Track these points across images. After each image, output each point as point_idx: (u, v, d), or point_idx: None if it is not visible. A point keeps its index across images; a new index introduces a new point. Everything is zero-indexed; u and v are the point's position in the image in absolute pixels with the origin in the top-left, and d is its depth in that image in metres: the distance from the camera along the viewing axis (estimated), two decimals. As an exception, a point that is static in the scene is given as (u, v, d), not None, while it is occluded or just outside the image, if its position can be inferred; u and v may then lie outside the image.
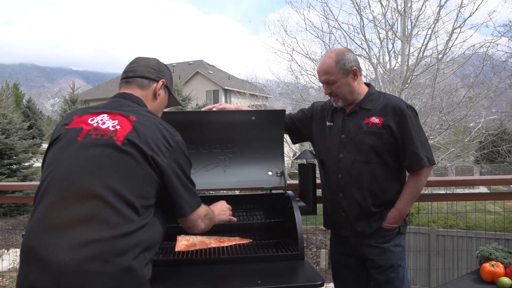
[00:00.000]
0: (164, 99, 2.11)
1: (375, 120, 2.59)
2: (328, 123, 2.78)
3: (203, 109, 2.85)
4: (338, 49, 2.71)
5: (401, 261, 2.65)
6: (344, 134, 2.66)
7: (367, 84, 2.77)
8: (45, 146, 24.93)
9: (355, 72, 2.63)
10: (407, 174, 2.70)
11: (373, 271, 2.65)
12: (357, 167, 2.60)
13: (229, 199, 3.02)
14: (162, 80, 2.06)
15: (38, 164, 19.13)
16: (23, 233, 1.69)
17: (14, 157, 16.69)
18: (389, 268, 2.61)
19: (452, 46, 11.51)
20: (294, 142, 3.12)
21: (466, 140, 13.22)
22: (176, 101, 2.23)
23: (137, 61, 2.08)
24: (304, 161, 2.86)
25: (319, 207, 2.87)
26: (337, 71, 2.59)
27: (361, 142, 2.60)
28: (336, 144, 2.68)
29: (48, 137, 22.31)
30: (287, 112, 2.90)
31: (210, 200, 2.37)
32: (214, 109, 2.79)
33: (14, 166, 16.70)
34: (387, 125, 2.57)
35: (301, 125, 2.93)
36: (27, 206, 14.99)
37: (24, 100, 38.59)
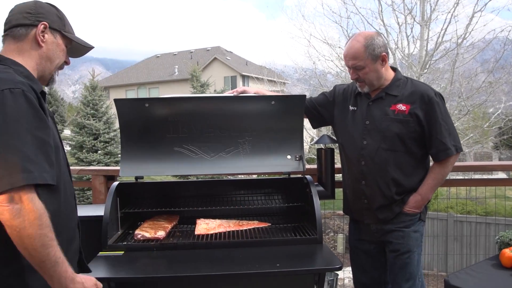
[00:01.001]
0: (55, 44, 1.78)
1: (401, 107, 2.54)
2: (351, 107, 2.72)
3: (225, 93, 2.87)
4: (367, 33, 2.62)
5: (417, 248, 2.63)
6: (369, 120, 2.61)
7: (393, 69, 2.70)
8: (67, 132, 25.28)
9: (384, 58, 2.56)
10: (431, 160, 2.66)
11: (390, 255, 2.65)
12: (381, 154, 2.56)
13: (248, 183, 3.07)
14: (43, 22, 1.73)
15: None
16: None
17: (37, 143, 16.98)
18: (406, 253, 2.60)
19: (472, 30, 11.25)
20: (314, 127, 3.07)
21: (485, 125, 13.00)
22: (80, 43, 1.89)
23: (13, 9, 1.77)
24: (322, 146, 2.87)
25: (337, 191, 2.89)
26: (366, 57, 2.52)
27: (387, 129, 2.55)
28: (359, 130, 2.63)
29: (70, 123, 22.59)
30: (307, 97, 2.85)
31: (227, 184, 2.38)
32: (234, 93, 2.77)
33: (36, 152, 16.99)
34: (414, 113, 2.52)
35: (322, 109, 2.87)
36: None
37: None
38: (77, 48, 1.92)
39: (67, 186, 1.77)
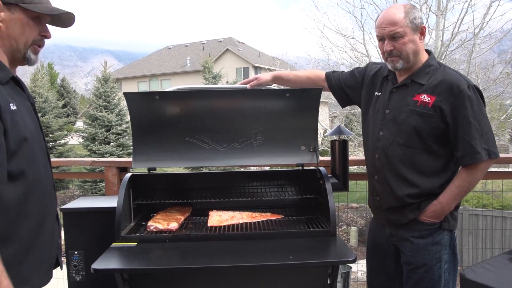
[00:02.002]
0: (14, 21, 1.64)
1: (425, 98, 2.25)
2: (376, 93, 2.49)
3: (238, 83, 2.85)
4: (405, 4, 2.35)
5: (437, 261, 2.32)
6: (389, 109, 2.37)
7: (428, 52, 2.41)
8: (79, 124, 25.51)
9: (423, 31, 2.30)
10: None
11: (404, 266, 2.41)
12: (395, 149, 2.32)
13: (261, 175, 3.05)
14: None
15: (73, 141, 19.64)
16: None
17: (50, 135, 17.22)
18: (421, 267, 2.33)
19: (489, 20, 11.12)
20: (343, 106, 2.88)
21: (502, 118, 12.84)
22: (46, 11, 1.71)
23: None
24: (335, 137, 2.83)
25: (351, 184, 2.85)
26: (406, 24, 2.24)
27: (404, 121, 2.29)
28: (379, 120, 2.41)
29: (82, 116, 22.79)
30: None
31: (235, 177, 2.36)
32: (248, 86, 2.72)
33: (50, 144, 17.23)
34: (439, 106, 2.21)
35: (349, 90, 2.67)
36: (63, 182, 15.46)
37: (58, 79, 39.40)
38: (57, 18, 1.77)
39: (39, 176, 1.73)
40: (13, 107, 1.60)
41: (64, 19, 1.81)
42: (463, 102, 2.19)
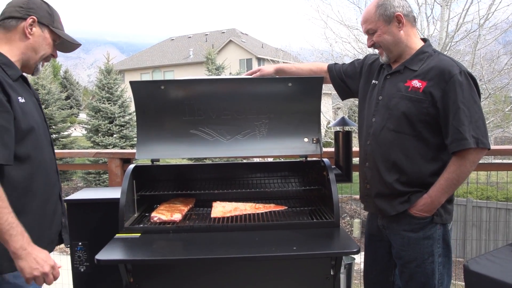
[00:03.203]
0: (42, 38, 1.98)
1: (416, 84, 2.23)
2: (373, 81, 2.48)
3: (243, 75, 2.84)
4: None
5: (429, 255, 2.29)
6: (382, 96, 2.36)
7: (424, 40, 2.40)
8: (82, 116, 25.56)
9: (399, 19, 2.27)
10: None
11: (397, 261, 2.40)
12: (385, 135, 2.31)
13: (264, 166, 3.05)
14: (32, 17, 1.94)
15: (76, 133, 19.67)
16: None
17: (53, 127, 17.24)
18: (412, 261, 2.31)
19: (495, 10, 11.00)
20: (342, 99, 2.90)
21: (506, 109, 12.77)
22: (68, 39, 2.09)
23: (8, 3, 2.00)
24: (338, 128, 2.82)
25: (355, 175, 2.85)
26: (377, 18, 2.28)
27: (395, 107, 2.28)
28: (372, 106, 2.40)
29: (85, 107, 22.82)
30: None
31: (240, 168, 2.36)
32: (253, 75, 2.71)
33: (54, 136, 17.26)
34: (429, 91, 2.19)
35: (349, 80, 2.67)
36: (66, 173, 15.52)
37: (61, 71, 39.44)
38: (65, 44, 2.12)
39: (44, 161, 1.98)
40: (21, 100, 1.87)
41: (70, 48, 2.17)
42: (453, 87, 2.15)
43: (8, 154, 1.74)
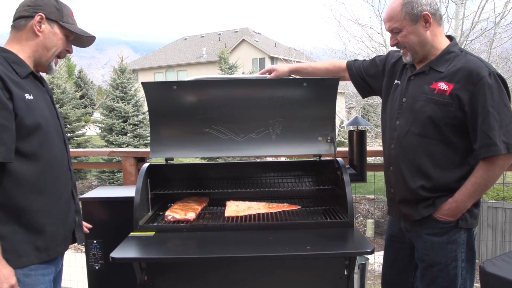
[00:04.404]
0: (52, 34, 1.96)
1: (443, 86, 2.13)
2: (396, 81, 2.38)
3: (257, 73, 2.83)
4: None
5: (453, 260, 2.22)
6: (406, 98, 2.27)
7: (450, 38, 2.29)
8: (96, 115, 25.77)
9: (427, 18, 2.15)
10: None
11: (419, 264, 2.34)
12: (410, 139, 2.22)
13: (278, 165, 3.04)
14: (39, 14, 1.93)
15: (90, 132, 19.85)
16: None
17: (68, 126, 17.40)
18: (435, 265, 2.24)
19: (511, 8, 10.84)
20: (363, 96, 2.81)
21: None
22: (79, 32, 2.04)
23: (19, 4, 1.99)
24: (352, 128, 2.81)
25: (368, 175, 2.83)
26: (403, 17, 2.15)
27: (420, 110, 2.18)
28: (396, 108, 2.31)
29: (99, 107, 22.99)
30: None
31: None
32: (267, 74, 2.69)
33: (68, 135, 17.42)
34: (456, 94, 2.09)
35: (371, 79, 2.58)
36: (81, 172, 15.66)
37: (75, 71, 39.79)
38: (79, 39, 2.09)
39: (54, 158, 1.95)
40: (29, 97, 1.85)
41: (85, 41, 2.13)
42: (482, 90, 2.04)
43: (5, 151, 1.72)
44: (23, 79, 1.88)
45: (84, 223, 2.31)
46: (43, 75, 2.12)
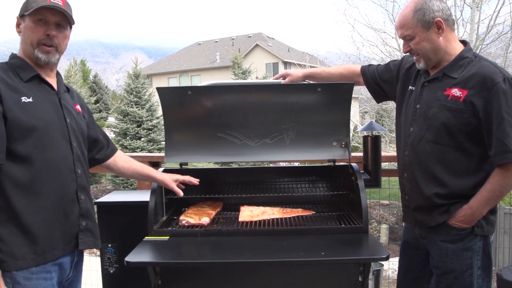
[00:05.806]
0: (25, 27, 2.00)
1: (456, 92, 2.11)
2: (410, 87, 2.37)
3: (271, 78, 2.83)
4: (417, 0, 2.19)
5: (468, 267, 2.17)
6: (420, 104, 2.25)
7: (464, 43, 2.26)
8: (111, 119, 26.00)
9: (439, 25, 2.13)
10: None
11: (434, 270, 2.31)
12: (424, 146, 2.21)
13: (292, 170, 3.03)
14: (17, 17, 2.04)
15: (105, 136, 20.02)
16: None
17: (83, 130, 17.54)
18: (449, 273, 2.20)
19: (528, 12, 10.70)
20: (378, 101, 2.82)
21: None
22: (36, 6, 1.95)
23: None
24: (367, 133, 2.79)
25: (383, 180, 2.81)
26: (415, 24, 2.14)
27: (434, 117, 2.16)
28: (410, 115, 2.30)
29: (114, 111, 23.22)
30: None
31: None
32: (280, 79, 2.69)
33: (83, 139, 17.54)
34: (470, 101, 2.07)
35: (385, 84, 2.57)
36: (95, 176, 15.79)
37: (90, 76, 40.22)
38: (46, 16, 1.98)
39: (52, 160, 1.93)
40: (26, 99, 1.88)
41: (53, 14, 1.99)
42: (497, 96, 2.02)
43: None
44: (26, 83, 1.94)
45: None
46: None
